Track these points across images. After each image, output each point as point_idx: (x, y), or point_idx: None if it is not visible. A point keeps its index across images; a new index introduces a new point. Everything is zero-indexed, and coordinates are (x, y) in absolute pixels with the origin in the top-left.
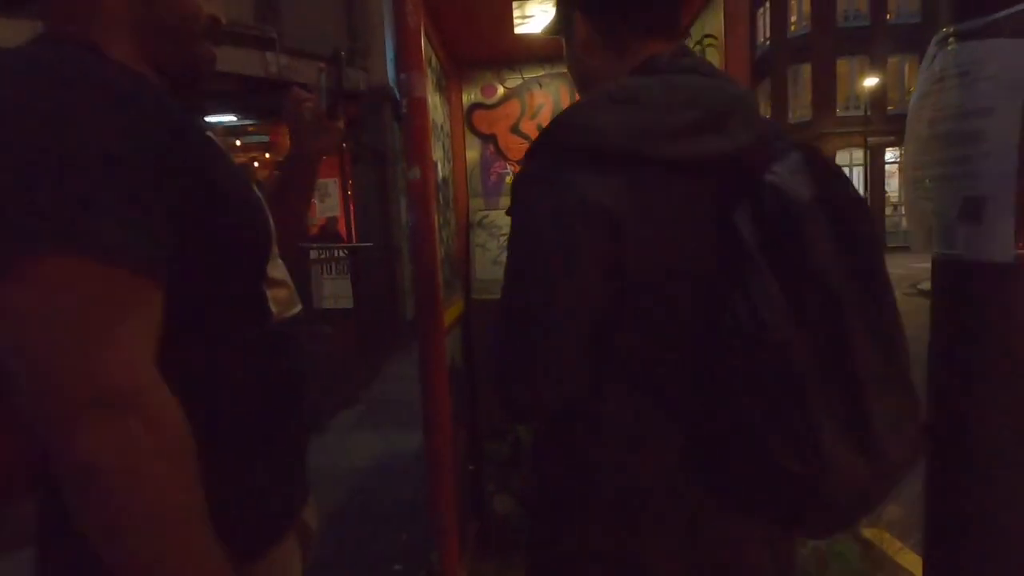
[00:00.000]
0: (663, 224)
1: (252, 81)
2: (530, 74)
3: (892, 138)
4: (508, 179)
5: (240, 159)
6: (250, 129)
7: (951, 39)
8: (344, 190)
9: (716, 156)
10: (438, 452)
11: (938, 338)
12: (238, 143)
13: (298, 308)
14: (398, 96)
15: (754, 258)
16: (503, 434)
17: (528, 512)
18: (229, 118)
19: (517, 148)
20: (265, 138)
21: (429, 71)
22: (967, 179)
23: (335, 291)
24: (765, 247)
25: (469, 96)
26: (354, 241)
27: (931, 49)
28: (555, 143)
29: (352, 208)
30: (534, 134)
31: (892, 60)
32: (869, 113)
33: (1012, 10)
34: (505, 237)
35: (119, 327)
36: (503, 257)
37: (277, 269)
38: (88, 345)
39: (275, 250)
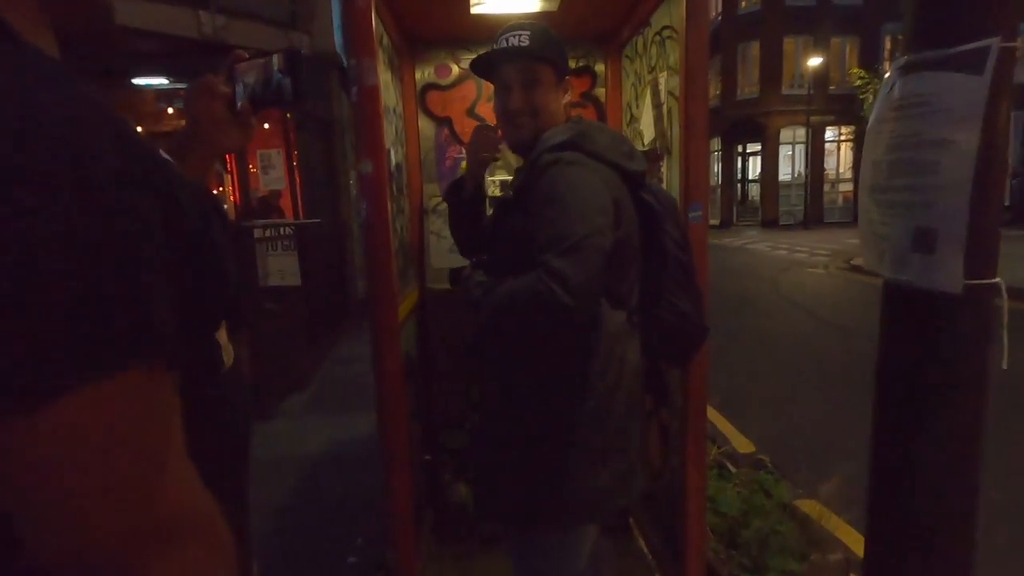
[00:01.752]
0: (624, 202)
1: (185, 42)
2: None
3: (832, 117)
4: (464, 164)
5: (174, 125)
6: (183, 94)
7: (911, 68)
8: (289, 161)
9: (632, 171)
10: (393, 453)
11: (886, 359)
12: (170, 110)
13: (232, 356)
14: (345, 63)
15: (662, 216)
16: (459, 423)
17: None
18: (160, 81)
19: None
20: None
21: (380, 50)
22: (921, 209)
23: (281, 268)
24: (665, 213)
25: (422, 74)
26: (300, 215)
27: (891, 75)
28: (578, 147)
29: (298, 180)
30: (490, 118)
31: (835, 41)
32: (812, 92)
33: (967, 47)
34: None
35: (171, 441)
36: None
37: None
38: (147, 468)
39: None
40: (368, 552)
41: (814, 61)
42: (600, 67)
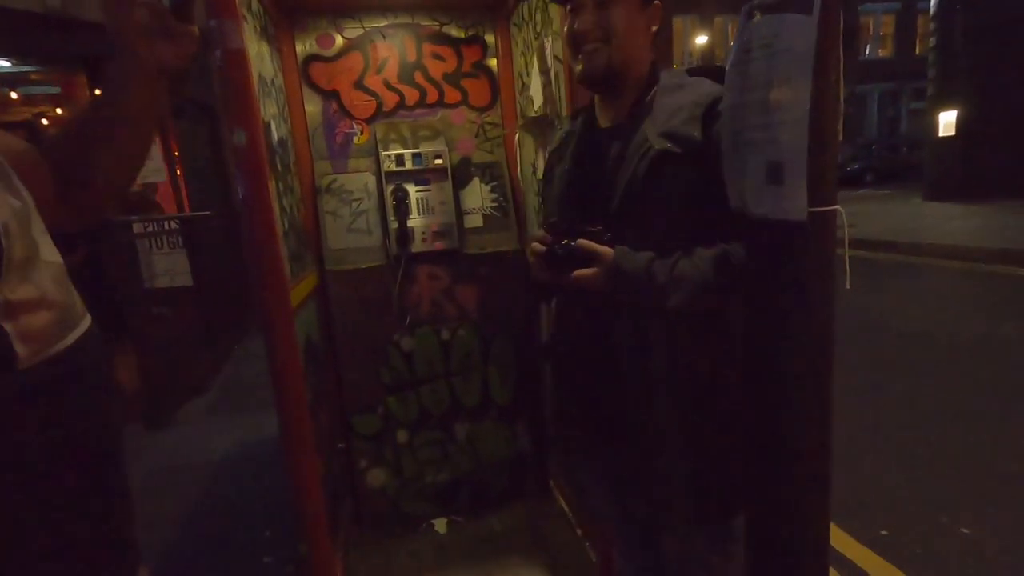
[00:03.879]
0: None
1: (25, 18)
2: (371, 23)
3: None
4: (357, 139)
5: (23, 115)
6: (33, 77)
7: (756, 12)
8: (168, 150)
9: None
10: (296, 443)
11: (752, 289)
12: (14, 95)
13: (82, 329)
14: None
15: None
16: (372, 407)
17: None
18: (1, 64)
19: (364, 106)
20: (55, 88)
21: (249, 16)
22: (770, 145)
23: (170, 267)
24: None
25: (303, 46)
26: (186, 209)
27: (741, 20)
28: None
29: (180, 171)
30: (380, 89)
31: (718, 20)
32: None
33: None
34: (358, 203)
35: None
36: (358, 224)
37: (25, 283)
38: None
39: (17, 253)
40: (284, 549)
41: (701, 39)
42: (490, 37)
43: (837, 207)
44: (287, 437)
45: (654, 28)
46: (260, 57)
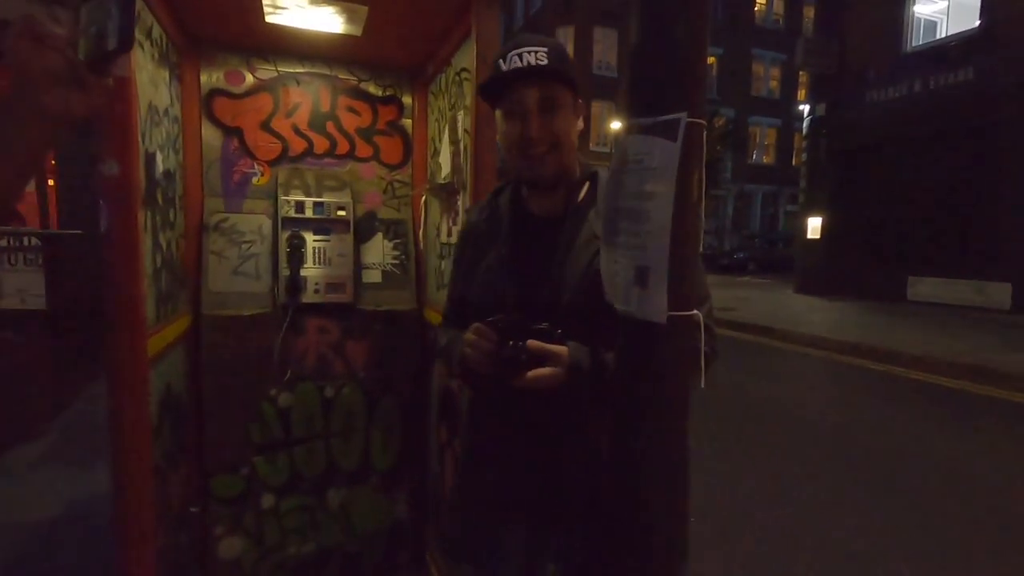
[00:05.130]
0: None
1: None
2: (286, 68)
3: None
4: (256, 180)
5: None
6: None
7: (630, 130)
8: None
9: None
10: (131, 514)
11: (620, 376)
12: None
13: None
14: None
15: None
16: (236, 467)
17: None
18: None
19: (267, 147)
20: None
21: (147, 43)
22: (638, 251)
23: (21, 287)
24: None
25: (209, 78)
26: (52, 225)
27: (619, 136)
28: None
29: (54, 183)
30: (288, 133)
31: None
32: (612, 150)
33: (665, 117)
34: (249, 245)
35: None
36: (246, 267)
37: None
38: None
39: None
40: None
41: (615, 124)
42: (407, 99)
43: (696, 312)
44: (121, 505)
45: (580, 124)
46: (154, 84)
